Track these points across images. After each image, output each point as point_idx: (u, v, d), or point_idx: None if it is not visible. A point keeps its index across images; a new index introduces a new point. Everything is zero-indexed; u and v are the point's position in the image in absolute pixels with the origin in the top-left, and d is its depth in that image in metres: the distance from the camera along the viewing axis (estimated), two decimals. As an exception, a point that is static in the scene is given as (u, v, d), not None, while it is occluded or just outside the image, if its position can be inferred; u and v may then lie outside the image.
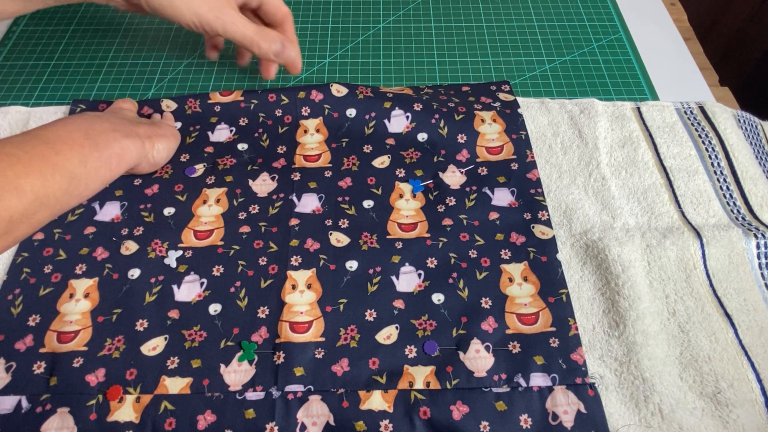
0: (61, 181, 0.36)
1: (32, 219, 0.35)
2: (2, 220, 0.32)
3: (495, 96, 0.55)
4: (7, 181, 0.32)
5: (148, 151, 0.45)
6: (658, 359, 0.39)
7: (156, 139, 0.46)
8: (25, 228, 0.35)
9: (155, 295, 0.42)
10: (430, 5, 0.67)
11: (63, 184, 0.36)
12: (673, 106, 0.55)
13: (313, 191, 0.48)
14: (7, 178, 0.32)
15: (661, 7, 0.68)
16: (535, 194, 0.48)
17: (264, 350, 0.40)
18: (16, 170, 0.33)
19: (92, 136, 0.39)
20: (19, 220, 0.33)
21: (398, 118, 0.52)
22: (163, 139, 0.47)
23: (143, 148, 0.44)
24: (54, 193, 0.35)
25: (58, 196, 0.36)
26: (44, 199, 0.35)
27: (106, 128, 0.41)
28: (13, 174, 0.33)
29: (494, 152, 0.51)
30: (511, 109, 0.53)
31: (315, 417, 0.37)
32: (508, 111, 0.53)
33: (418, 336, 0.41)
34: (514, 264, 0.44)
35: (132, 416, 0.37)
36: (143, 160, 0.45)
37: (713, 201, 0.48)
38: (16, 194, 0.33)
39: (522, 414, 0.37)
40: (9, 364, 0.39)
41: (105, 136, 0.40)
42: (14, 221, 0.33)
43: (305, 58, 0.60)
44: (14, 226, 0.33)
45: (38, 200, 0.34)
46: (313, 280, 0.43)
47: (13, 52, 0.60)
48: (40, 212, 0.35)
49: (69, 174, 0.36)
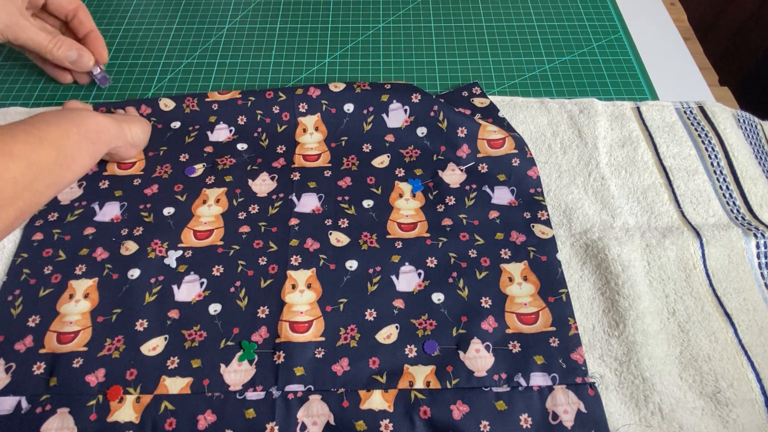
0: (50, 150, 0.37)
1: (33, 187, 0.36)
2: (7, 181, 0.34)
3: (472, 105, 0.54)
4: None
5: (126, 132, 0.46)
6: (658, 359, 0.39)
7: (130, 122, 0.47)
8: (30, 196, 0.36)
9: (155, 295, 0.42)
10: (430, 5, 0.67)
11: (52, 152, 0.37)
12: (672, 105, 0.55)
13: (312, 191, 0.48)
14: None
15: (661, 7, 0.68)
16: (535, 194, 0.48)
17: (264, 350, 0.40)
18: (4, 139, 0.35)
19: (66, 116, 0.41)
20: (23, 186, 0.35)
21: (396, 111, 0.52)
22: (136, 123, 0.48)
23: (120, 128, 0.45)
24: (45, 161, 0.37)
25: (50, 165, 0.37)
26: (38, 166, 0.36)
27: (80, 111, 0.42)
28: (2, 141, 0.35)
29: (496, 145, 0.50)
30: (492, 117, 0.53)
31: (315, 417, 0.37)
32: (490, 120, 0.52)
33: (418, 335, 0.41)
34: (514, 263, 0.44)
35: (132, 416, 0.37)
36: (122, 140, 0.45)
37: (713, 201, 0.48)
38: (10, 158, 0.34)
39: (522, 413, 0.37)
40: (9, 364, 0.39)
41: (79, 114, 0.41)
42: (18, 185, 0.34)
43: (305, 58, 0.60)
44: (20, 190, 0.35)
45: (32, 166, 0.36)
46: (313, 280, 0.43)
47: (13, 51, 0.60)
48: (38, 180, 0.36)
49: (55, 144, 0.38)
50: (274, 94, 0.53)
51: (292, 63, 0.60)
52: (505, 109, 0.54)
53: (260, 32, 0.63)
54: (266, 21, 0.65)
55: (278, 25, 0.64)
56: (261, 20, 0.65)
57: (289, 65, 0.60)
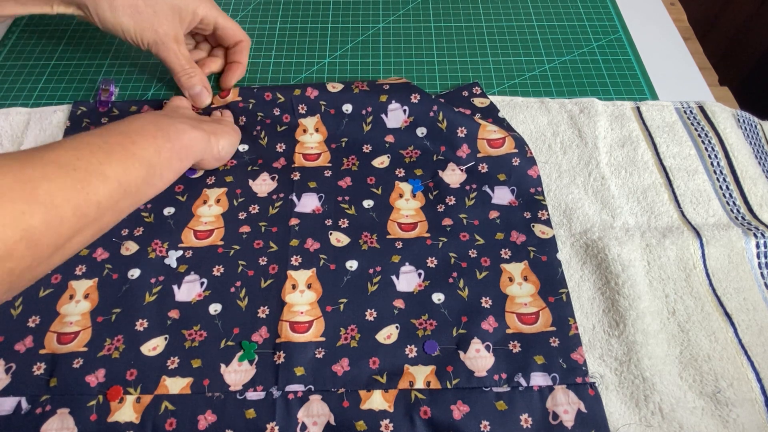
0: (140, 170, 0.37)
1: (116, 207, 0.35)
2: (92, 204, 0.33)
3: (472, 105, 0.54)
4: (92, 167, 0.33)
5: (213, 146, 0.46)
6: (658, 358, 0.39)
7: (219, 135, 0.47)
8: (111, 216, 0.35)
9: (155, 295, 0.42)
10: (430, 5, 0.67)
11: (142, 172, 0.37)
12: (672, 105, 0.55)
13: (312, 191, 0.48)
14: (92, 164, 0.33)
15: (660, 6, 0.68)
16: (535, 193, 0.48)
17: (264, 350, 0.40)
18: (99, 157, 0.34)
19: (163, 128, 0.40)
20: (106, 206, 0.34)
21: (395, 112, 0.52)
22: (226, 135, 0.48)
23: (209, 142, 0.45)
24: (135, 181, 0.36)
25: (138, 184, 0.37)
26: (126, 187, 0.35)
27: (174, 121, 0.42)
28: (96, 161, 0.34)
29: (496, 145, 0.50)
30: (492, 117, 0.53)
31: (315, 417, 0.37)
32: (490, 120, 0.52)
33: (419, 336, 0.41)
34: (514, 263, 0.44)
35: (132, 416, 0.37)
36: (208, 154, 0.46)
37: (713, 200, 0.48)
38: (102, 180, 0.34)
39: (522, 413, 0.37)
40: (9, 365, 0.39)
41: (174, 128, 0.41)
42: (102, 206, 0.34)
43: (305, 58, 0.61)
44: (102, 212, 0.34)
45: (121, 187, 0.35)
46: (313, 280, 0.43)
47: (13, 52, 0.60)
48: (123, 200, 0.36)
49: (147, 163, 0.37)
50: (272, 95, 0.53)
51: (292, 63, 0.60)
52: (505, 109, 0.54)
53: (260, 32, 0.63)
54: (266, 21, 0.65)
55: (278, 25, 0.64)
56: (261, 20, 0.65)
57: (289, 65, 0.60)
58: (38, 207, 0.29)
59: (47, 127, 0.52)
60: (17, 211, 0.28)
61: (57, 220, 0.30)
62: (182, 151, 0.41)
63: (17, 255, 0.28)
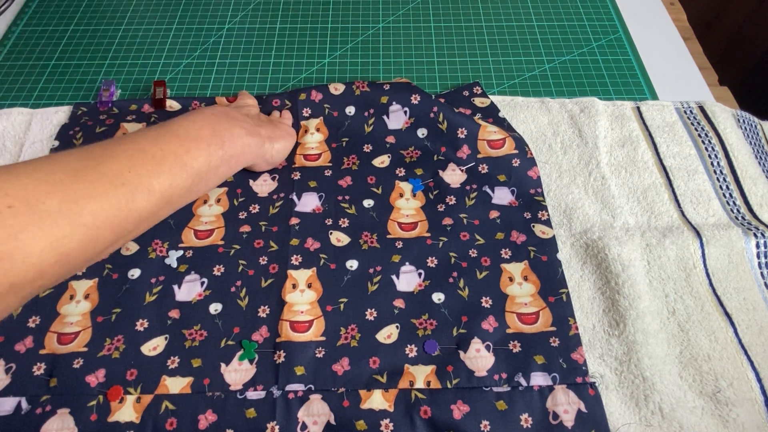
0: (187, 180, 0.36)
1: (155, 217, 0.35)
2: (132, 220, 0.33)
3: (473, 105, 0.54)
4: (140, 180, 0.33)
5: (267, 151, 0.46)
6: (658, 358, 0.39)
7: (275, 139, 0.47)
8: (147, 225, 0.35)
9: (155, 295, 0.42)
10: (430, 5, 0.67)
11: (188, 182, 0.36)
12: (672, 105, 0.55)
13: (313, 190, 0.48)
14: (141, 177, 0.33)
15: (660, 6, 0.68)
16: (535, 194, 0.48)
17: (264, 349, 0.40)
18: (149, 169, 0.34)
19: (219, 133, 0.40)
20: (145, 217, 0.34)
21: (396, 113, 0.52)
22: (282, 139, 0.48)
23: (262, 148, 0.45)
24: (179, 192, 0.36)
25: (182, 194, 0.36)
26: (169, 198, 0.35)
27: (232, 125, 0.41)
28: (146, 173, 0.33)
29: (496, 146, 0.50)
30: (493, 117, 0.53)
31: (316, 416, 0.37)
32: (491, 120, 0.52)
33: (419, 335, 0.41)
34: (515, 263, 0.44)
35: (133, 416, 0.37)
36: (260, 158, 0.46)
37: (713, 200, 0.48)
38: (147, 194, 0.33)
39: (522, 413, 0.37)
40: (9, 365, 0.39)
41: (230, 134, 0.41)
42: (142, 219, 0.33)
43: (305, 58, 0.61)
44: (140, 223, 0.34)
45: (164, 199, 0.35)
46: (314, 280, 0.43)
47: (13, 52, 0.60)
48: (164, 210, 0.36)
49: (195, 173, 0.37)
50: (280, 101, 0.53)
51: (292, 63, 0.60)
52: (505, 109, 0.54)
53: (260, 32, 0.63)
54: (266, 21, 0.65)
55: (278, 25, 0.64)
56: (261, 20, 0.65)
57: (289, 65, 0.60)
58: (79, 229, 0.29)
59: (48, 127, 0.52)
60: (58, 235, 0.28)
61: (94, 240, 0.30)
62: (232, 159, 0.41)
63: (49, 274, 0.28)
